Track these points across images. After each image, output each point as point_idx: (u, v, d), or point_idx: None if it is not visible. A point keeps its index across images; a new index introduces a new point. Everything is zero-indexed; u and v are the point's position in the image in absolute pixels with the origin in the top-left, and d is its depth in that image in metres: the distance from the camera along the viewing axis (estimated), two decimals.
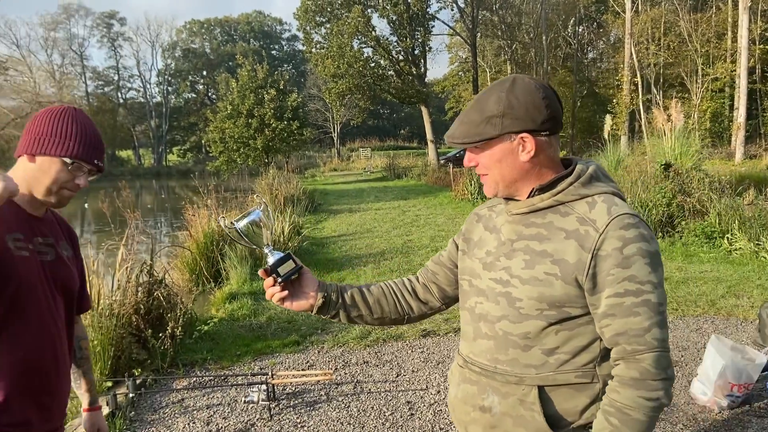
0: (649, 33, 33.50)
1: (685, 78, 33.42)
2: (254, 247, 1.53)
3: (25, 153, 1.58)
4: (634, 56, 31.66)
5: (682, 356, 4.55)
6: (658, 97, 33.29)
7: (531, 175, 1.40)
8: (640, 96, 31.74)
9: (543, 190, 1.39)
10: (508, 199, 1.46)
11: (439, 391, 4.02)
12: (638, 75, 32.04)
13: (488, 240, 1.50)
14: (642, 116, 30.73)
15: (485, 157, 1.41)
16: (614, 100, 33.12)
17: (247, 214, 1.52)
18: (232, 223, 1.51)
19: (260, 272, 1.52)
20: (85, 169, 1.60)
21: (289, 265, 1.50)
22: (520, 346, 1.38)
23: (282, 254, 1.51)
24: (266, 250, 1.52)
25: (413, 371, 4.41)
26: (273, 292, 1.51)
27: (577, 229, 1.34)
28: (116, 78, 62.35)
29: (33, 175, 1.57)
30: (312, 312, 1.56)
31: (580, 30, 42.30)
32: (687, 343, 4.83)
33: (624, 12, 32.31)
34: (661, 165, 9.93)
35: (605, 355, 1.36)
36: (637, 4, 33.07)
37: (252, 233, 1.50)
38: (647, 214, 9.03)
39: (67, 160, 1.56)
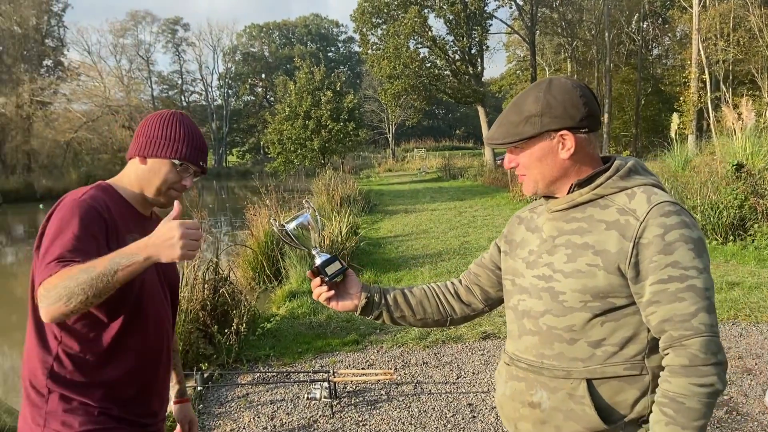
0: (717, 28, 32.06)
1: (756, 75, 31.81)
2: (302, 248, 1.61)
3: (136, 155, 1.66)
4: (702, 53, 30.40)
5: (755, 364, 4.35)
6: (727, 95, 31.82)
7: (571, 172, 1.42)
8: (709, 94, 30.43)
9: (581, 185, 1.42)
10: (547, 197, 1.48)
11: None
12: (706, 72, 30.74)
13: (530, 240, 1.52)
14: (710, 115, 29.46)
15: (525, 157, 1.43)
16: (681, 98, 31.88)
17: (296, 216, 1.60)
18: (282, 225, 1.59)
19: (308, 273, 1.61)
20: (191, 170, 1.67)
21: (335, 266, 1.58)
22: (565, 340, 1.39)
23: (329, 256, 1.60)
24: (314, 252, 1.61)
25: (474, 373, 4.39)
26: (320, 291, 1.58)
27: (617, 220, 1.35)
28: (180, 82, 64.59)
29: (144, 176, 1.65)
30: (356, 312, 1.63)
31: (644, 26, 40.90)
32: (761, 351, 4.62)
33: (691, 7, 31.08)
34: (733, 165, 9.50)
35: (654, 347, 1.35)
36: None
37: (301, 235, 1.58)
38: (718, 216, 8.67)
39: (176, 162, 1.63)
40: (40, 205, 27.81)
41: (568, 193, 1.44)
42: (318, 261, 1.58)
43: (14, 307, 9.95)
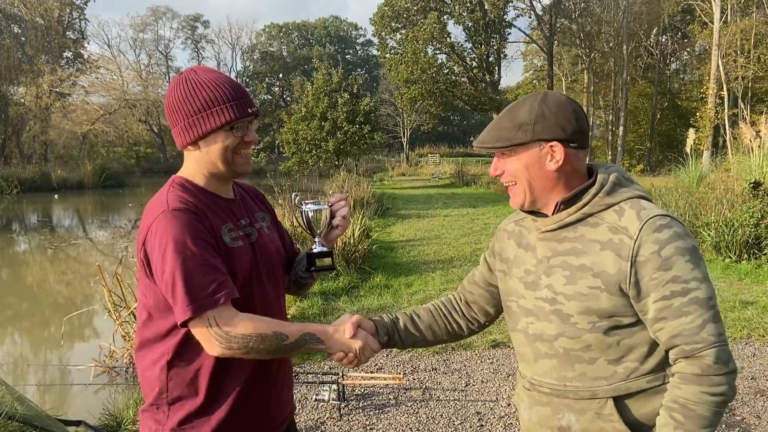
0: (738, 45, 31.82)
1: None
2: (308, 231, 1.70)
3: (186, 146, 1.54)
4: (721, 68, 30.18)
5: None
6: (745, 112, 31.56)
7: (557, 185, 1.41)
8: (726, 110, 30.21)
9: (567, 203, 1.41)
10: (534, 214, 1.47)
11: (509, 404, 3.96)
12: (725, 88, 30.51)
13: (524, 258, 1.50)
14: (727, 131, 29.22)
15: (512, 163, 1.42)
16: (698, 114, 31.66)
17: (317, 202, 1.68)
18: (303, 203, 1.68)
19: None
20: (244, 123, 1.51)
21: (326, 262, 1.68)
22: (585, 360, 1.38)
23: (326, 249, 1.68)
24: (316, 239, 1.69)
25: (483, 382, 4.37)
26: (347, 363, 1.60)
27: (610, 239, 1.34)
28: None
29: (205, 158, 1.52)
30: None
31: (663, 40, 40.70)
32: None
33: (712, 22, 30.88)
34: (750, 183, 9.41)
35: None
36: (727, 15, 31.53)
37: (314, 220, 1.68)
38: (732, 233, 8.59)
39: (227, 127, 1.48)
40: (55, 195, 28.12)
41: (554, 212, 1.43)
42: (315, 249, 1.67)
43: (25, 295, 10.04)
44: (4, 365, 6.27)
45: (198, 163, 1.54)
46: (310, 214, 1.68)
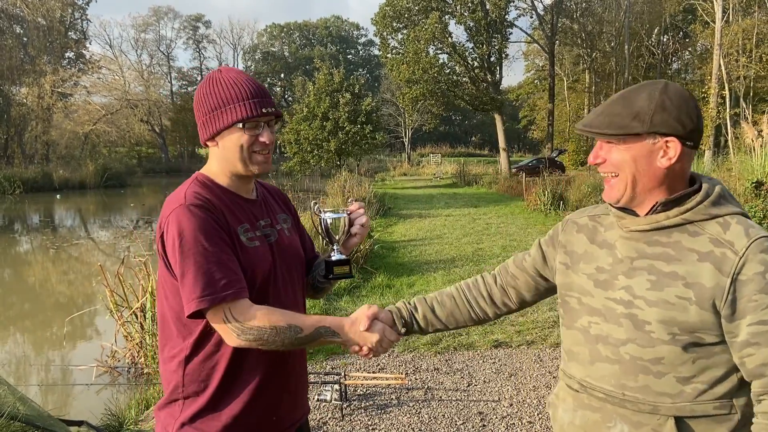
0: (739, 44, 31.80)
1: None
2: (326, 238, 1.67)
3: (205, 141, 1.57)
4: (723, 68, 30.14)
5: None
6: (747, 112, 31.54)
7: (661, 185, 1.31)
8: (728, 110, 30.18)
9: (667, 205, 1.31)
10: (623, 210, 1.37)
11: (511, 404, 3.96)
12: (726, 88, 30.48)
13: (598, 255, 1.41)
14: (729, 131, 29.20)
15: (618, 153, 1.32)
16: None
17: (336, 210, 1.66)
18: (322, 210, 1.66)
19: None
20: (261, 123, 1.52)
21: (344, 269, 1.66)
22: (651, 372, 1.29)
23: (344, 257, 1.66)
24: (334, 247, 1.66)
25: (485, 382, 4.37)
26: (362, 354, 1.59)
27: (711, 251, 1.25)
28: (199, 78, 65.04)
29: (223, 155, 1.54)
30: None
31: (664, 40, 40.67)
32: None
33: (713, 22, 30.84)
34: (752, 183, 9.41)
35: (743, 386, 1.28)
36: (728, 14, 31.49)
37: (333, 228, 1.66)
38: None
39: (239, 125, 1.50)
40: (57, 195, 28.15)
41: (650, 213, 1.33)
42: (333, 257, 1.65)
43: (27, 295, 10.05)
44: (7, 365, 6.27)
45: (218, 161, 1.57)
46: (329, 222, 1.66)
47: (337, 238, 1.67)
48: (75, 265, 12.71)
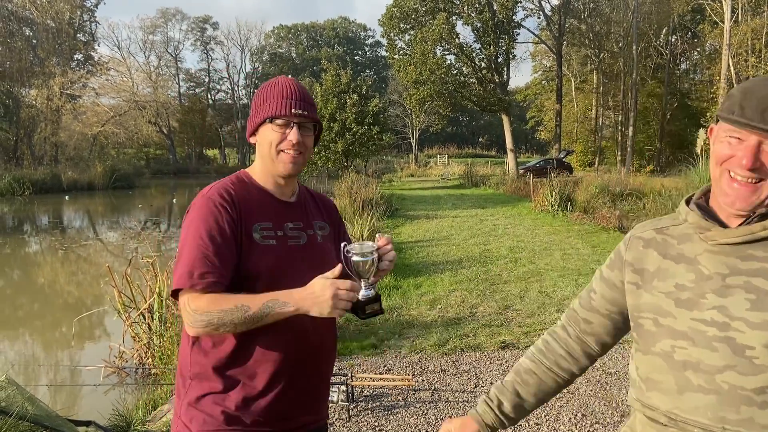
0: (749, 44, 31.61)
1: None
2: (354, 277, 1.53)
3: (248, 138, 1.68)
4: (732, 68, 29.97)
5: None
6: None
7: None
8: None
9: (764, 216, 1.19)
10: (713, 220, 1.24)
11: None
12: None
13: (675, 271, 1.27)
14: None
15: None
16: (708, 114, 31.46)
17: (362, 245, 1.55)
18: (351, 251, 1.54)
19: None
20: (291, 122, 1.59)
21: (374, 307, 1.57)
22: (756, 403, 1.14)
23: (374, 293, 1.56)
24: (363, 284, 1.55)
25: (492, 383, 4.34)
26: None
27: None
28: (207, 80, 65.28)
29: (259, 152, 1.64)
30: None
31: (673, 40, 40.48)
32: None
33: (722, 22, 30.66)
34: None
35: None
36: (737, 14, 31.31)
37: (362, 268, 1.54)
38: None
39: (269, 121, 1.59)
40: (66, 197, 28.31)
41: (743, 223, 1.20)
42: (362, 294, 1.53)
43: (36, 296, 10.11)
44: (16, 365, 6.31)
45: (258, 159, 1.66)
46: (359, 262, 1.55)
47: (366, 277, 1.58)
48: (83, 265, 12.77)
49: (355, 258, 1.53)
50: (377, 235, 1.61)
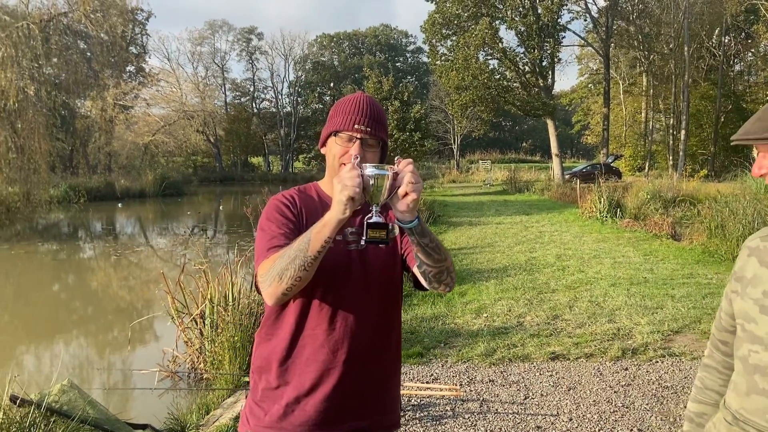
0: None
1: None
2: (368, 198, 1.47)
3: (320, 149, 1.73)
4: None
5: None
6: None
7: None
8: None
9: None
10: None
11: (571, 419, 3.85)
12: None
13: (765, 277, 1.27)
14: None
15: None
16: None
17: (379, 167, 1.46)
18: (362, 165, 1.46)
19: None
20: (354, 138, 1.61)
21: (380, 234, 1.45)
22: None
23: (383, 221, 1.46)
24: (373, 208, 1.47)
25: (542, 395, 4.26)
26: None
27: None
28: (251, 89, 66.47)
29: (327, 163, 1.68)
30: None
31: (726, 41, 39.14)
32: None
33: None
34: None
35: None
36: None
37: (375, 186, 1.45)
38: None
39: (333, 135, 1.64)
40: (119, 204, 29.24)
41: None
42: (372, 219, 1.46)
43: (90, 299, 10.45)
44: (71, 368, 6.51)
45: (326, 169, 1.71)
46: (371, 180, 1.46)
47: (378, 198, 1.47)
48: (135, 271, 13.15)
49: (368, 171, 1.44)
50: (396, 158, 1.49)
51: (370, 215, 1.48)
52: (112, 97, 41.14)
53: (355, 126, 1.60)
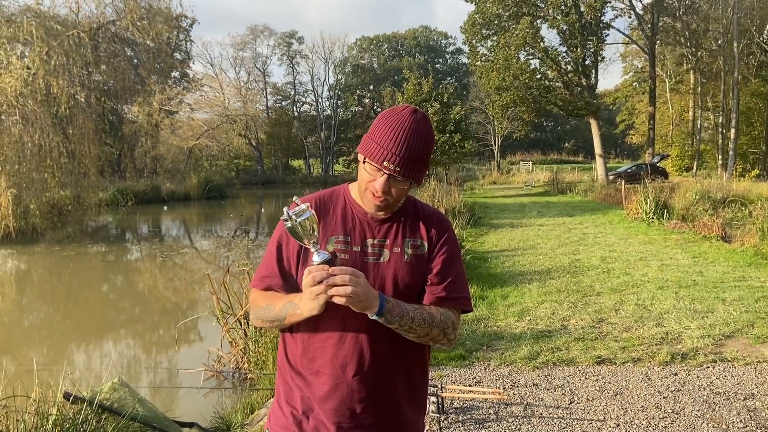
0: None
1: None
2: (303, 243, 1.46)
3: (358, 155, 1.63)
4: None
5: None
6: None
7: None
8: None
9: None
10: None
11: (618, 425, 3.75)
12: None
13: None
14: None
15: None
16: None
17: (301, 213, 1.45)
18: (290, 216, 1.44)
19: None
20: (381, 171, 1.51)
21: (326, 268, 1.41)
22: None
23: (327, 255, 1.43)
24: (312, 249, 1.44)
25: (588, 400, 4.17)
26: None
27: None
28: (292, 93, 67.26)
29: (359, 174, 1.60)
30: None
31: None
32: None
33: None
34: None
35: None
36: None
37: (303, 231, 1.44)
38: None
39: (360, 157, 1.56)
40: (164, 207, 29.98)
41: None
42: (316, 259, 1.43)
43: (138, 300, 10.73)
44: (119, 367, 6.70)
45: (358, 176, 1.63)
46: (294, 228, 1.44)
47: (312, 239, 1.45)
48: (180, 272, 13.45)
49: (288, 224, 1.42)
50: (293, 198, 1.50)
51: (314, 255, 1.44)
52: (158, 102, 42.13)
53: (384, 163, 1.49)
